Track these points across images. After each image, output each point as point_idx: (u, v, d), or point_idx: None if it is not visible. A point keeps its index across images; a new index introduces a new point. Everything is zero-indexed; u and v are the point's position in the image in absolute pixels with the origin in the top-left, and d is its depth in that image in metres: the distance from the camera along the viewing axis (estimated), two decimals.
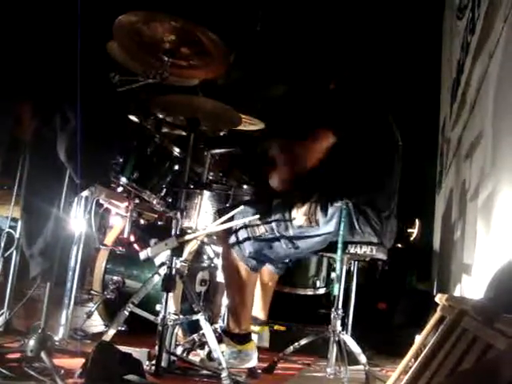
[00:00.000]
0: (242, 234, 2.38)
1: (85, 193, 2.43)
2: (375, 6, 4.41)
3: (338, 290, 2.51)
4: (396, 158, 2.56)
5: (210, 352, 2.23)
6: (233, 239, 2.39)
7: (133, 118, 2.61)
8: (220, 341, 2.39)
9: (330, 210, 2.33)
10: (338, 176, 2.46)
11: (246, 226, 2.37)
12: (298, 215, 2.35)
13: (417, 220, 6.03)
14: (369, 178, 2.44)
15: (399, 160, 2.57)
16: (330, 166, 2.52)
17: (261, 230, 2.37)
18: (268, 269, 2.70)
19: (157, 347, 2.09)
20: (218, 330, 2.56)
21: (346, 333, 2.76)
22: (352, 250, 2.41)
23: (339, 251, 2.32)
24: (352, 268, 3.00)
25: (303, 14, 4.16)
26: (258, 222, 2.36)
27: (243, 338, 2.42)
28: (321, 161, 2.41)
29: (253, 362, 2.42)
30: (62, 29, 2.14)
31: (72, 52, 1.91)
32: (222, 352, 2.26)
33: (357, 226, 2.36)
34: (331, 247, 2.42)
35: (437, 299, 1.59)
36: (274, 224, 2.37)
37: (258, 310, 2.71)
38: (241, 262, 2.39)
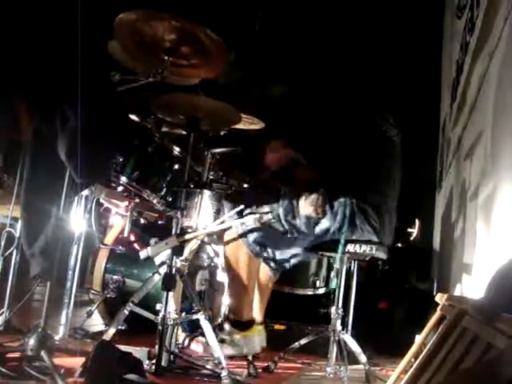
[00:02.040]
0: (248, 220, 2.39)
1: (85, 192, 2.43)
2: (375, 4, 4.41)
3: (337, 285, 2.51)
4: (392, 157, 2.57)
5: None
6: (237, 224, 2.41)
7: (133, 117, 2.61)
8: (220, 327, 2.40)
9: (336, 205, 2.36)
10: (340, 175, 2.47)
11: (252, 213, 2.39)
12: (306, 205, 2.37)
13: (417, 220, 6.03)
14: (366, 177, 2.45)
15: (397, 158, 2.58)
16: (331, 166, 2.54)
17: (267, 217, 2.39)
18: (266, 270, 2.70)
19: (157, 346, 2.09)
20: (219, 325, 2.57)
21: (346, 332, 2.76)
22: (352, 249, 2.42)
23: (341, 246, 2.33)
24: (352, 267, 3.00)
25: (302, 13, 4.16)
26: (265, 209, 2.38)
27: (245, 325, 2.43)
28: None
29: (256, 348, 2.42)
30: (62, 28, 2.14)
31: (72, 51, 1.91)
32: (224, 340, 2.27)
33: (357, 224, 2.37)
34: (331, 246, 2.42)
35: (437, 299, 1.59)
36: (281, 213, 2.38)
37: (256, 310, 2.71)
38: (244, 249, 2.41)
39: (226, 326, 2.42)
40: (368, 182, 2.45)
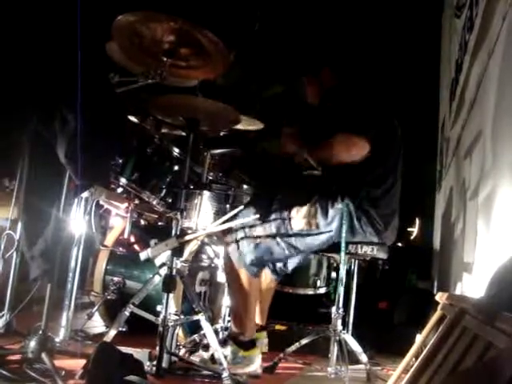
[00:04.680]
0: (243, 242, 2.38)
1: (85, 194, 2.43)
2: (375, 4, 4.41)
3: (340, 290, 2.51)
4: (399, 157, 2.56)
5: (213, 354, 2.23)
6: (233, 247, 2.39)
7: (132, 118, 2.61)
8: (224, 343, 2.39)
9: (331, 212, 2.33)
10: (340, 176, 2.45)
11: (245, 233, 2.37)
12: (298, 218, 2.35)
13: (417, 219, 6.04)
14: (372, 177, 2.43)
15: (400, 156, 2.57)
16: (330, 167, 2.52)
17: (261, 237, 2.37)
18: (267, 275, 2.70)
19: (158, 348, 2.09)
20: (219, 330, 2.56)
21: (347, 332, 2.76)
22: (353, 250, 2.41)
23: (342, 253, 2.32)
24: (352, 267, 3.00)
25: (301, 13, 4.16)
26: (258, 224, 2.36)
27: (248, 345, 2.42)
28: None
29: (256, 367, 2.41)
30: (61, 30, 2.14)
31: (71, 53, 1.91)
32: (226, 356, 2.26)
33: (358, 227, 2.35)
34: (331, 247, 2.42)
35: (437, 298, 1.59)
36: (273, 228, 2.37)
37: (256, 315, 2.71)
38: (242, 269, 2.39)
39: (230, 344, 2.41)
40: (370, 182, 2.43)
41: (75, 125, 1.98)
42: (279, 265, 2.71)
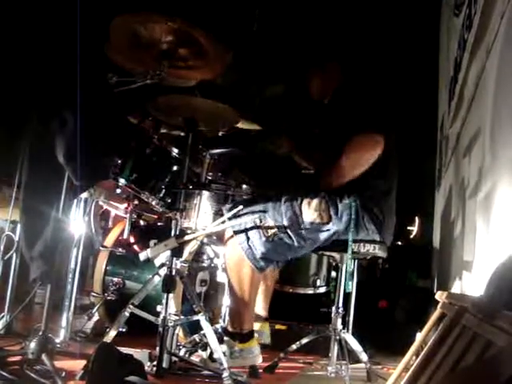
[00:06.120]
0: (254, 235, 2.36)
1: (84, 195, 2.43)
2: (373, 3, 4.41)
3: (350, 287, 2.51)
4: (396, 158, 2.57)
5: (212, 353, 2.23)
6: (243, 239, 2.36)
7: (131, 118, 2.61)
8: (221, 341, 2.39)
9: (340, 207, 2.34)
10: None
11: (257, 227, 2.35)
12: (310, 212, 2.35)
13: (416, 218, 6.05)
14: (371, 175, 2.43)
15: (395, 154, 2.58)
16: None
17: (272, 230, 2.36)
18: None
19: (158, 348, 2.09)
20: (219, 329, 2.56)
21: (347, 331, 2.77)
22: (355, 249, 2.41)
23: (349, 248, 2.32)
24: (352, 266, 3.00)
25: (300, 13, 4.16)
26: (270, 222, 2.34)
27: (245, 337, 2.41)
28: None
29: (257, 359, 2.40)
30: (59, 31, 2.15)
31: (70, 54, 1.91)
32: (224, 352, 2.26)
33: (362, 224, 2.36)
34: (331, 245, 2.42)
35: (437, 297, 1.59)
36: (285, 220, 2.35)
37: (259, 306, 2.71)
38: (248, 262, 2.36)
39: (226, 339, 2.40)
40: (372, 180, 2.44)
41: (74, 125, 1.99)
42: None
